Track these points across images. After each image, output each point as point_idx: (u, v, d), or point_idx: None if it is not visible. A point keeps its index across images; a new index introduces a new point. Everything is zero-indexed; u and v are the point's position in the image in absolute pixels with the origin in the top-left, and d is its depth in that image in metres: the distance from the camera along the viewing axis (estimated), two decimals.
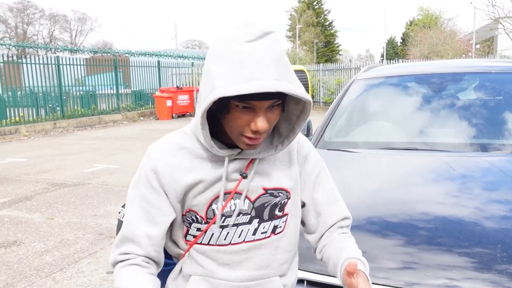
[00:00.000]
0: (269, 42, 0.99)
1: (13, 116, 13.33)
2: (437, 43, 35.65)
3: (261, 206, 1.16)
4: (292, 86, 0.99)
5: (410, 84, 3.07)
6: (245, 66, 0.97)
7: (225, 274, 1.17)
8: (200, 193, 1.13)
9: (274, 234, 1.19)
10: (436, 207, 1.90)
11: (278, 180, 1.18)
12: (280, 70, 0.98)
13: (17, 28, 55.98)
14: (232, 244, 1.16)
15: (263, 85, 0.95)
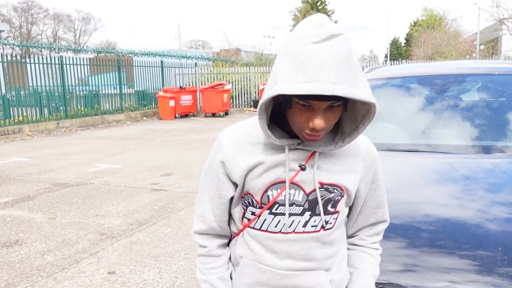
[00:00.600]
0: (335, 44, 1.02)
1: (16, 115, 13.38)
2: (441, 43, 35.58)
3: (315, 200, 1.19)
4: (351, 89, 1.00)
5: (413, 85, 3.06)
6: (307, 67, 1.01)
7: (272, 261, 1.21)
8: (258, 177, 1.19)
9: (323, 230, 1.22)
10: (438, 209, 1.89)
11: (335, 177, 1.20)
12: (341, 72, 1.00)
13: (21, 27, 56.20)
14: (282, 233, 1.20)
15: (319, 87, 0.99)
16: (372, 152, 1.27)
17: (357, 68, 1.05)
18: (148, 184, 6.47)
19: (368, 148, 1.27)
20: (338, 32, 1.03)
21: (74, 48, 18.52)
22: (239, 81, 21.58)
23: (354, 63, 1.04)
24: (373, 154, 1.28)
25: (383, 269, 1.56)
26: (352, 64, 1.03)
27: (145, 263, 3.68)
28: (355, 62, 1.05)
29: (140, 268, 3.58)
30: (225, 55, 36.23)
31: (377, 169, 1.29)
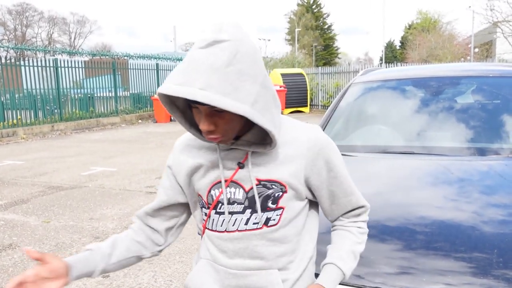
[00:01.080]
0: (215, 51, 1.03)
1: (11, 118, 13.30)
2: (436, 46, 35.77)
3: (254, 197, 1.19)
4: (217, 97, 1.00)
5: (407, 87, 3.06)
6: (184, 70, 1.04)
7: (224, 261, 1.24)
8: (202, 178, 1.25)
9: (266, 226, 1.21)
10: (433, 211, 1.89)
11: (272, 172, 1.19)
12: (212, 79, 1.01)
13: (16, 30, 56.01)
14: (228, 231, 1.23)
15: (185, 91, 1.02)
16: (317, 141, 1.22)
17: (241, 76, 1.04)
18: (143, 187, 6.44)
19: (311, 137, 1.22)
20: (222, 39, 1.04)
21: (69, 51, 18.45)
22: None
23: (236, 71, 1.04)
24: (319, 142, 1.22)
25: (378, 271, 1.55)
26: (230, 71, 1.03)
27: (139, 266, 3.66)
28: (240, 70, 1.04)
29: (134, 272, 3.55)
30: None
31: (330, 156, 1.23)
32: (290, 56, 31.73)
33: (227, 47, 1.04)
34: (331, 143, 1.26)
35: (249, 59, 1.07)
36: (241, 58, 1.05)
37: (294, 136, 1.21)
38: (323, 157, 1.22)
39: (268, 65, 26.44)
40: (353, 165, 2.49)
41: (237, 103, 1.03)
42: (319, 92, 20.88)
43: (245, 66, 1.05)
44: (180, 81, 1.04)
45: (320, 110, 20.48)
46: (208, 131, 1.10)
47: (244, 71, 1.05)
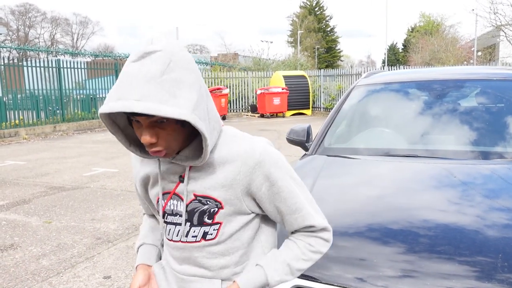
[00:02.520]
0: (147, 62, 1.02)
1: (13, 119, 13.32)
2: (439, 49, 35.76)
3: (192, 211, 1.21)
4: (155, 106, 0.99)
5: (411, 90, 3.05)
6: (119, 86, 1.03)
7: (174, 265, 1.31)
8: (151, 188, 1.29)
9: (204, 240, 1.23)
10: (436, 214, 1.88)
11: (207, 189, 1.19)
12: (147, 89, 1.00)
13: (19, 31, 56.17)
14: (173, 240, 1.27)
15: (122, 104, 0.99)
16: (254, 155, 1.17)
17: (178, 83, 1.03)
18: None
19: (248, 150, 1.17)
20: (152, 50, 1.03)
21: (72, 51, 18.49)
22: (237, 85, 21.59)
23: (171, 79, 1.02)
24: (256, 156, 1.16)
25: (381, 275, 1.54)
26: (165, 80, 1.02)
27: None
28: (176, 78, 1.03)
29: None
30: (223, 59, 36.29)
31: (270, 171, 1.17)
32: (293, 58, 31.73)
33: (159, 57, 1.03)
34: (271, 156, 1.19)
35: (183, 67, 1.06)
36: (175, 66, 1.04)
37: (231, 150, 1.18)
38: (261, 172, 1.17)
39: (270, 67, 26.45)
40: (356, 168, 2.49)
41: (177, 109, 1.01)
42: (321, 95, 20.88)
43: (180, 74, 1.04)
44: (115, 97, 1.02)
45: (322, 113, 20.47)
46: (150, 143, 1.08)
47: (179, 79, 1.04)
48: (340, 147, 2.81)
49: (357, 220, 1.91)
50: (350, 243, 1.77)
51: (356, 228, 1.87)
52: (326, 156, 2.65)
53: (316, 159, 2.60)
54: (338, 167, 2.50)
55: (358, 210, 1.98)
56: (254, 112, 20.36)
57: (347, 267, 1.63)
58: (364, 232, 1.84)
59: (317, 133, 2.98)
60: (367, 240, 1.77)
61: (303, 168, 2.57)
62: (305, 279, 1.60)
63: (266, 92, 18.72)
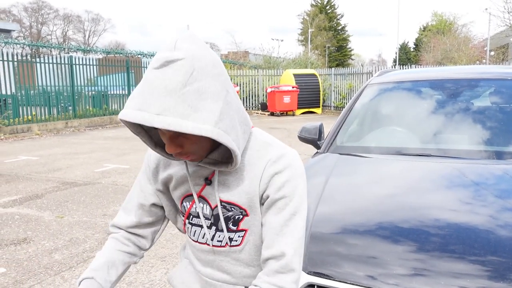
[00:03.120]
0: (169, 72, 0.96)
1: (25, 114, 13.47)
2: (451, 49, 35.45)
3: (217, 216, 1.19)
4: (176, 121, 0.95)
5: (424, 89, 3.04)
6: (141, 94, 0.98)
7: (199, 267, 1.29)
8: (174, 189, 1.25)
9: (230, 246, 1.21)
10: (448, 214, 1.87)
11: (232, 195, 1.15)
12: (168, 103, 0.95)
13: (32, 27, 56.67)
14: (199, 242, 1.26)
15: (141, 117, 0.96)
16: (276, 164, 1.12)
17: (200, 94, 0.97)
18: None
19: (274, 159, 1.13)
20: (175, 58, 0.97)
21: (84, 48, 18.63)
22: (247, 83, 21.60)
23: (194, 90, 0.97)
24: (277, 166, 1.12)
25: (392, 273, 1.55)
26: (188, 92, 0.96)
27: (152, 263, 3.69)
28: (199, 88, 0.97)
29: (147, 268, 3.58)
30: (233, 57, 36.30)
31: (284, 184, 1.11)
32: (303, 56, 31.66)
33: (182, 66, 0.97)
34: (296, 171, 1.13)
35: (208, 75, 1.00)
36: (198, 75, 0.98)
37: (259, 156, 1.14)
38: (278, 181, 1.11)
39: (280, 65, 26.41)
40: (368, 167, 2.49)
41: (198, 124, 0.96)
42: (331, 93, 20.81)
43: (204, 84, 0.98)
44: (137, 105, 0.98)
45: (333, 111, 20.41)
46: (173, 153, 1.06)
47: (203, 89, 0.98)
48: (352, 146, 2.81)
49: (368, 219, 1.91)
50: (362, 241, 1.78)
51: (368, 226, 1.88)
52: (339, 154, 2.65)
53: (328, 157, 2.61)
54: (350, 165, 2.50)
55: (369, 209, 1.98)
56: (264, 110, 20.36)
57: (358, 264, 1.63)
58: (375, 231, 1.84)
59: (329, 131, 2.98)
60: (379, 238, 1.78)
61: (315, 166, 2.57)
62: (317, 276, 1.61)
63: (276, 91, 18.71)
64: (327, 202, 2.02)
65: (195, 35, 1.04)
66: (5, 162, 8.42)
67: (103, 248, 1.31)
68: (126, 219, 1.32)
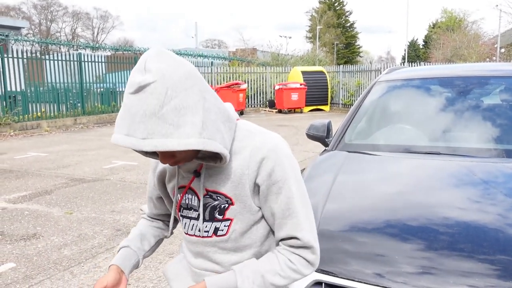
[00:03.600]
0: (144, 96, 1.00)
1: (35, 111, 13.57)
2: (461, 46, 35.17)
3: (204, 206, 1.23)
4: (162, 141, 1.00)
5: (433, 87, 3.02)
6: (124, 119, 1.03)
7: (190, 259, 1.34)
8: (169, 182, 1.32)
9: (216, 236, 1.24)
10: (457, 212, 1.86)
11: (218, 184, 1.20)
12: (151, 127, 1.00)
13: (41, 25, 57.01)
14: (189, 234, 1.30)
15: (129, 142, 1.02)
16: (263, 150, 1.16)
17: (179, 111, 1.01)
18: None
19: (259, 145, 1.17)
20: (146, 82, 1.00)
21: (92, 45, 18.72)
22: (255, 80, 21.59)
23: (172, 109, 1.01)
24: (264, 151, 1.15)
25: (400, 271, 1.54)
26: (166, 112, 1.00)
27: (160, 259, 3.71)
28: (176, 106, 1.01)
29: (155, 265, 3.60)
30: (241, 54, 36.30)
31: (274, 169, 1.15)
32: (311, 54, 31.58)
33: (155, 89, 1.00)
34: (279, 154, 1.17)
35: (182, 90, 1.03)
36: (173, 93, 1.01)
37: (243, 145, 1.18)
38: (266, 168, 1.15)
39: (288, 62, 26.37)
40: (376, 164, 2.48)
41: (183, 140, 1.02)
42: (340, 91, 20.74)
43: (180, 100, 1.02)
44: (123, 130, 1.03)
45: (341, 109, 20.35)
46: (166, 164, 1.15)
47: (180, 105, 1.02)
48: (360, 143, 2.80)
49: (377, 217, 1.90)
50: (370, 239, 1.78)
51: (376, 224, 1.87)
52: (347, 152, 2.64)
53: (337, 155, 2.60)
54: (358, 163, 2.50)
55: (378, 207, 1.98)
56: (272, 107, 20.35)
57: (366, 262, 1.63)
58: (383, 228, 1.83)
59: (337, 128, 2.97)
60: (387, 236, 1.77)
61: (323, 163, 2.57)
62: (324, 274, 1.61)
63: (284, 88, 18.68)
64: (335, 200, 2.02)
65: (163, 51, 1.06)
66: (15, 158, 8.50)
67: (137, 225, 1.50)
68: (146, 208, 1.52)
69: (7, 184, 6.39)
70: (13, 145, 10.37)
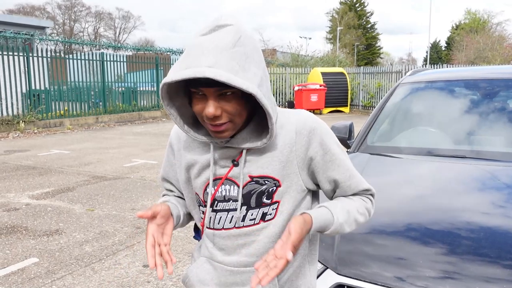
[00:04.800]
0: (220, 34, 1.03)
1: (58, 109, 13.82)
2: (484, 48, 34.55)
3: (248, 194, 1.18)
4: (226, 74, 0.98)
5: (458, 89, 2.97)
6: (189, 55, 1.03)
7: (221, 258, 1.25)
8: (197, 175, 1.23)
9: (263, 221, 1.20)
10: (481, 217, 1.84)
11: (264, 168, 1.17)
12: (220, 58, 1.00)
13: (65, 24, 57.99)
14: (225, 229, 1.22)
15: (192, 71, 0.99)
16: (307, 123, 1.18)
17: (247, 58, 1.04)
18: None
19: (300, 119, 1.19)
20: (224, 23, 1.04)
21: (114, 45, 18.95)
22: (275, 81, 21.58)
23: (242, 52, 1.03)
24: (309, 124, 1.18)
25: (421, 275, 1.53)
26: (238, 52, 1.02)
27: (179, 258, 3.74)
28: (245, 52, 1.04)
29: (174, 264, 3.62)
30: None
31: (323, 138, 1.19)
32: (331, 55, 31.42)
33: (231, 29, 1.04)
34: (322, 124, 1.21)
35: (252, 44, 1.07)
36: (245, 41, 1.05)
37: (282, 124, 1.18)
38: (315, 139, 1.18)
39: (308, 63, 26.29)
40: (398, 167, 2.46)
41: (246, 82, 1.01)
42: (360, 92, 20.58)
43: (249, 50, 1.05)
44: (184, 66, 1.02)
45: (361, 111, 20.18)
46: (214, 115, 1.06)
47: (248, 54, 1.04)
48: (383, 146, 2.77)
49: (398, 219, 1.89)
50: (391, 242, 1.77)
51: (398, 227, 1.86)
52: (369, 154, 2.62)
53: (359, 157, 2.58)
54: (381, 165, 2.48)
55: (399, 209, 1.96)
56: (291, 108, 20.30)
57: (387, 265, 1.62)
58: (405, 232, 1.82)
59: (359, 130, 2.95)
60: (408, 239, 1.76)
61: None
62: (346, 277, 1.60)
63: (303, 89, 18.64)
64: None
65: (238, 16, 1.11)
66: (38, 155, 8.66)
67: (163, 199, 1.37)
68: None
69: (31, 181, 6.52)
70: (37, 142, 10.57)
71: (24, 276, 3.40)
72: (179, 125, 1.17)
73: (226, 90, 1.05)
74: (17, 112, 12.66)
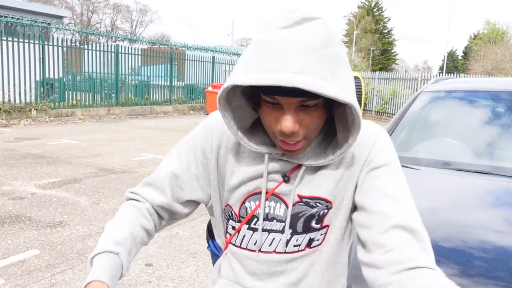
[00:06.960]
0: (306, 29, 0.83)
1: (70, 99, 13.84)
2: (502, 59, 34.11)
3: (296, 216, 1.01)
4: (318, 82, 0.79)
5: (483, 100, 2.84)
6: (266, 55, 0.83)
7: (252, 284, 1.06)
8: (237, 186, 1.04)
9: (309, 248, 1.03)
10: (495, 235, 1.73)
11: (316, 189, 1.00)
12: (308, 61, 0.81)
13: (82, 15, 58.39)
14: (262, 252, 1.04)
15: (273, 78, 0.80)
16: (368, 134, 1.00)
17: (336, 60, 0.84)
18: None
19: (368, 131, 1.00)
20: (312, 16, 0.84)
21: (130, 38, 18.97)
22: None
23: (331, 53, 0.83)
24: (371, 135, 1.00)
25: None
26: (327, 53, 0.82)
27: (182, 258, 3.65)
28: (335, 52, 0.84)
29: (177, 264, 3.54)
30: None
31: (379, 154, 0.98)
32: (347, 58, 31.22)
33: (320, 25, 0.84)
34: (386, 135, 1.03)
35: (339, 42, 0.88)
36: (334, 39, 0.86)
37: None
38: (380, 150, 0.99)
39: None
40: (414, 179, 2.34)
41: (340, 90, 0.82)
42: (374, 98, 20.37)
43: (338, 50, 0.86)
44: (260, 68, 0.82)
45: (374, 116, 19.99)
46: (290, 131, 0.87)
47: (337, 55, 0.85)
48: (400, 156, 2.65)
49: None
50: None
51: None
52: None
53: None
54: None
55: None
56: None
57: None
58: None
59: None
60: None
61: None
62: None
63: None
64: None
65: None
66: (48, 144, 8.65)
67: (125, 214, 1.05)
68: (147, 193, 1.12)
69: (38, 170, 6.49)
70: (48, 131, 10.57)
71: (24, 268, 3.33)
72: (232, 130, 0.97)
73: (310, 102, 0.87)
74: (30, 99, 12.69)
